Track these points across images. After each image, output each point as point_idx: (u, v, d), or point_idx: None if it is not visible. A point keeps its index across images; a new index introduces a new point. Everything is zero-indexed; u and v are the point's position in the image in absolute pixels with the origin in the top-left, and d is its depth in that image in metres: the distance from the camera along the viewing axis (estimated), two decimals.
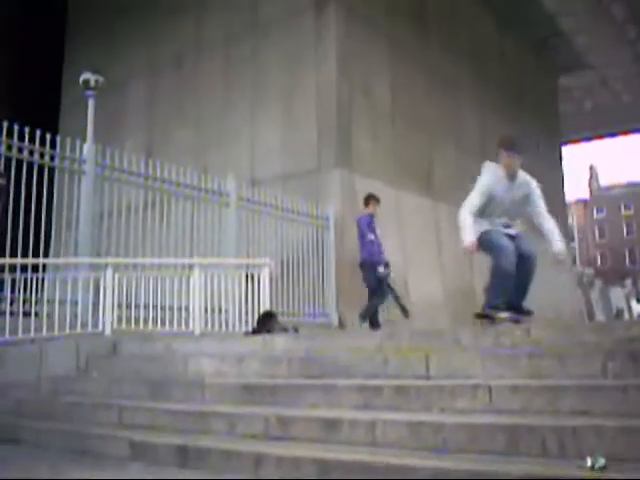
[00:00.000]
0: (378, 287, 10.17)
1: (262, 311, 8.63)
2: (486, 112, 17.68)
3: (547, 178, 20.84)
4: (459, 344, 5.59)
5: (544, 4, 18.72)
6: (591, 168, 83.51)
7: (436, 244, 14.55)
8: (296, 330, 8.10)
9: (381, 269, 10.12)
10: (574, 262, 25.54)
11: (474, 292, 14.79)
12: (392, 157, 13.74)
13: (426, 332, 6.48)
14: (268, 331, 7.85)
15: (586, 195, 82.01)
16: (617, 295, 25.70)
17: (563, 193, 22.75)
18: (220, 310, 8.85)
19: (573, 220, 69.81)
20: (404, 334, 6.25)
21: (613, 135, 30.20)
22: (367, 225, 10.27)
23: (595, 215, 79.62)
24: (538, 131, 20.60)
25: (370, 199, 10.58)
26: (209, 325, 8.62)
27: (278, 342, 6.58)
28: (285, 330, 7.97)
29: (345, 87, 13.03)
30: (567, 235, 24.45)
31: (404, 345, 5.68)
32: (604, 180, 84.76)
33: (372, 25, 13.90)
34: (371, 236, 10.17)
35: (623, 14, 19.86)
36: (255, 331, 8.11)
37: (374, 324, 10.10)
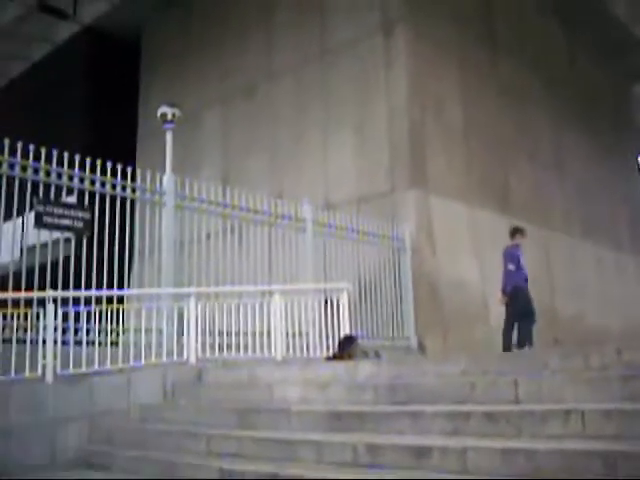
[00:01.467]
0: (528, 309, 10.12)
1: (342, 335, 8.63)
2: (560, 124, 17.37)
3: (624, 188, 20.38)
4: (547, 367, 5.46)
5: (615, 11, 18.34)
6: None
7: None
8: (377, 354, 8.07)
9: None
10: None
11: (555, 311, 14.49)
12: (467, 176, 13.61)
13: (512, 355, 6.36)
14: (349, 356, 7.84)
15: None
16: None
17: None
18: (301, 334, 8.88)
19: None
20: (489, 358, 6.16)
21: None
22: (511, 255, 10.35)
23: None
24: (613, 141, 20.13)
25: (516, 231, 10.77)
26: (290, 350, 8.66)
27: (362, 368, 6.55)
28: (366, 354, 7.95)
29: (416, 107, 13.00)
30: None
31: (490, 369, 5.58)
32: None
33: (441, 44, 13.86)
34: (511, 266, 10.25)
35: None
36: (336, 356, 8.12)
37: (530, 344, 9.93)
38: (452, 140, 13.59)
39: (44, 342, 6.84)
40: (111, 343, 7.60)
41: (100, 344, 7.48)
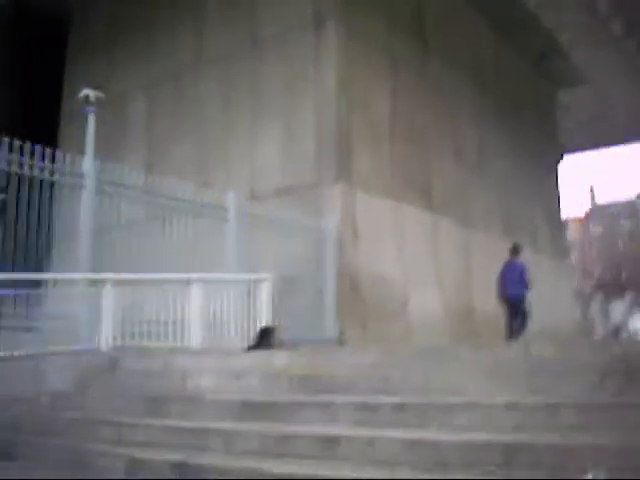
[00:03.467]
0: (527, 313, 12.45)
1: (261, 326, 8.62)
2: (485, 125, 17.74)
3: (544, 191, 20.97)
4: (458, 359, 5.57)
5: (542, 19, 18.81)
6: (590, 185, 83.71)
7: (435, 259, 14.56)
8: (295, 345, 8.09)
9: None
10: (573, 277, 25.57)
11: (474, 308, 14.81)
12: (392, 171, 13.78)
13: (426, 349, 6.47)
14: (267, 347, 7.84)
15: (584, 210, 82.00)
16: (618, 309, 25.70)
17: (560, 207, 22.78)
18: (221, 324, 8.83)
19: (572, 236, 69.69)
20: (404, 351, 6.25)
21: (612, 145, 30.28)
22: (524, 270, 12.45)
23: (593, 230, 79.52)
24: (536, 144, 20.67)
25: (519, 249, 12.91)
26: (209, 340, 8.60)
27: (277, 358, 6.56)
28: (284, 345, 7.96)
29: (344, 102, 13.08)
30: (566, 250, 24.50)
31: (402, 362, 5.67)
32: (602, 195, 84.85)
33: (371, 40, 13.97)
34: (522, 278, 12.36)
35: (621, 28, 19.94)
36: (254, 346, 8.11)
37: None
38: (378, 136, 13.73)
39: None
40: (24, 328, 7.41)
41: (13, 329, 7.29)
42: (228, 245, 10.25)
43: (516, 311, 12.27)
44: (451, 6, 16.93)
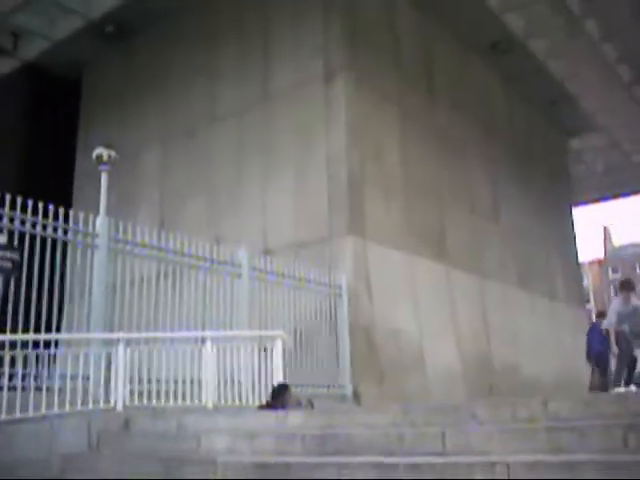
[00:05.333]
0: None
1: (276, 384, 8.51)
2: (497, 174, 17.78)
3: (559, 239, 20.87)
4: (475, 418, 5.46)
5: (551, 68, 18.95)
6: (604, 228, 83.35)
7: (451, 310, 14.42)
8: (311, 404, 7.98)
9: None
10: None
11: (491, 359, 14.63)
12: (404, 223, 13.75)
13: (442, 407, 6.36)
14: (282, 405, 7.73)
15: (600, 255, 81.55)
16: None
17: (576, 253, 22.64)
18: (233, 382, 8.74)
19: (588, 281, 69.20)
20: (419, 409, 6.13)
21: (625, 195, 30.10)
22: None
23: (610, 275, 78.98)
24: (549, 192, 20.67)
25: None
26: (222, 398, 8.50)
27: (292, 417, 6.46)
28: (299, 404, 7.85)
29: (355, 154, 13.14)
30: (583, 296, 24.27)
31: (419, 421, 5.56)
32: (618, 240, 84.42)
33: (381, 93, 14.10)
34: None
35: (629, 75, 20.06)
36: (269, 404, 8.00)
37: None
38: (390, 188, 13.74)
39: None
40: (36, 389, 7.34)
41: (24, 389, 7.22)
42: (241, 301, 10.20)
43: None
44: (460, 56, 17.14)
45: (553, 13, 16.48)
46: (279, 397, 8.01)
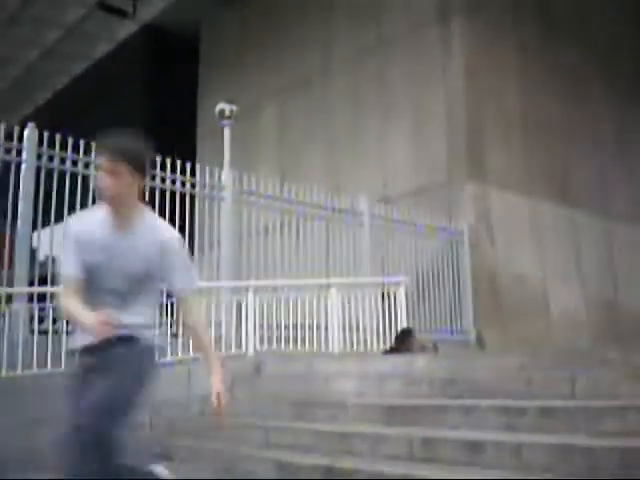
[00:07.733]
0: None
1: (400, 329, 8.63)
2: (623, 106, 16.85)
3: None
4: (605, 362, 5.39)
5: None
6: None
7: (576, 254, 14.02)
8: (436, 348, 8.06)
9: None
10: None
11: (617, 304, 14.17)
12: (526, 166, 13.37)
13: (571, 351, 6.29)
14: (407, 349, 7.85)
15: None
16: None
17: None
18: (358, 328, 8.92)
19: None
20: (547, 353, 6.09)
21: None
22: None
23: None
24: None
25: None
26: (347, 344, 8.71)
27: (418, 362, 6.56)
28: (424, 348, 7.94)
29: (474, 97, 12.86)
30: None
31: (547, 364, 5.54)
32: None
33: (498, 32, 13.65)
34: None
35: None
36: (393, 349, 8.13)
37: None
38: (511, 130, 13.37)
39: None
40: (173, 335, 7.76)
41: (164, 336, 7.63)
42: (362, 249, 10.34)
43: None
44: None
45: None
46: (404, 342, 8.14)
